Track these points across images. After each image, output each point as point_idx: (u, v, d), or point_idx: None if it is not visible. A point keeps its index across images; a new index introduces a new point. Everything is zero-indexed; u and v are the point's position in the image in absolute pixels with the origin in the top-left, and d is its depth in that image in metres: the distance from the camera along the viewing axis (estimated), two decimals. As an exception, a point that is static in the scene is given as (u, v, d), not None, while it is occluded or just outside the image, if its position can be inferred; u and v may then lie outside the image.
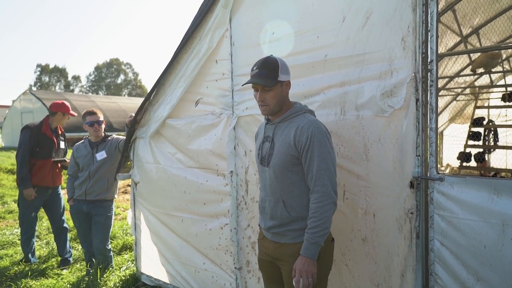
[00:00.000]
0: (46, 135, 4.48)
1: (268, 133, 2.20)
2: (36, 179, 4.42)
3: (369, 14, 2.27)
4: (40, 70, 63.61)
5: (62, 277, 4.14)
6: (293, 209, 2.09)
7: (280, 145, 2.10)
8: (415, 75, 2.12)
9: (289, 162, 2.06)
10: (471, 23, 5.46)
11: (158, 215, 3.64)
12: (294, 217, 2.09)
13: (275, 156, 2.10)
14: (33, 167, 4.40)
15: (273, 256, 2.21)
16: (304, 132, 2.01)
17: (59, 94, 23.98)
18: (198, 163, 3.24)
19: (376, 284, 2.38)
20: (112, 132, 4.67)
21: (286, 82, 2.12)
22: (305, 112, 2.14)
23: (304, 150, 2.01)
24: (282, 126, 2.13)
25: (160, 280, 3.74)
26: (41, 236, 5.72)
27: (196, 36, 3.10)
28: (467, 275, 2.04)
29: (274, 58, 2.10)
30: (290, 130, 2.07)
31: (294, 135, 2.04)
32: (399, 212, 2.24)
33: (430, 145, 2.14)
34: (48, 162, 4.47)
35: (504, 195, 1.91)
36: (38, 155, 4.42)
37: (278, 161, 2.09)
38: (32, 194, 4.37)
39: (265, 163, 2.17)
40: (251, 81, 2.07)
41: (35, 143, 4.41)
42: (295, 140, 2.04)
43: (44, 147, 4.45)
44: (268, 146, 2.16)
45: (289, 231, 2.11)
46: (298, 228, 2.09)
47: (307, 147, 1.99)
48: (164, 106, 3.40)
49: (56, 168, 4.56)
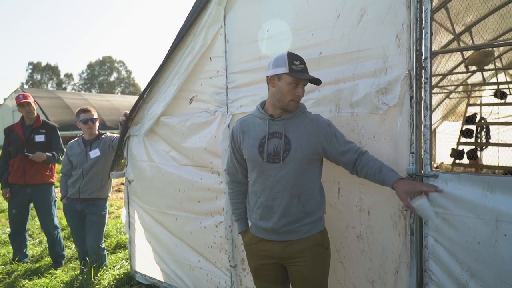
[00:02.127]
0: (15, 132, 4.50)
1: (275, 129, 2.13)
2: (10, 177, 4.45)
3: (364, 12, 2.27)
4: (32, 68, 62.97)
5: (56, 276, 4.11)
6: (307, 204, 2.11)
7: (299, 140, 2.08)
8: (409, 73, 2.13)
9: (309, 157, 2.10)
10: (464, 21, 5.49)
11: (152, 213, 3.63)
12: (308, 212, 2.11)
13: (295, 151, 2.07)
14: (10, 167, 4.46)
15: (281, 256, 2.17)
16: (325, 125, 2.14)
17: (51, 92, 23.78)
18: (193, 161, 3.23)
19: (371, 281, 2.39)
20: (106, 130, 4.61)
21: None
22: (305, 109, 2.23)
23: (333, 137, 2.12)
24: (294, 122, 2.13)
25: (155, 279, 3.73)
26: (33, 235, 5.68)
27: (190, 33, 3.09)
28: (461, 271, 2.05)
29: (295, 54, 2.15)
30: (306, 126, 2.12)
31: (321, 128, 2.12)
32: (394, 209, 2.25)
33: (425, 142, 2.15)
34: (17, 160, 4.44)
35: (498, 191, 1.92)
36: (12, 154, 4.47)
37: (300, 156, 2.06)
38: (5, 193, 4.44)
39: (278, 159, 2.09)
40: (313, 77, 2.09)
41: (7, 142, 4.50)
42: (325, 133, 2.11)
43: (14, 145, 4.47)
44: (280, 142, 2.10)
45: (302, 226, 2.12)
46: (310, 222, 2.13)
47: (334, 134, 2.13)
48: (158, 103, 3.39)
49: (33, 165, 4.43)
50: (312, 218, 2.13)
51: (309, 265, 2.12)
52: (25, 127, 4.54)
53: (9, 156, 4.48)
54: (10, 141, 4.49)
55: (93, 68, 67.29)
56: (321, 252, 2.17)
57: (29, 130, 4.52)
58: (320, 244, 2.15)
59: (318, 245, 2.15)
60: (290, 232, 2.13)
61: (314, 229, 2.15)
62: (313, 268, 2.13)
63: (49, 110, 18.08)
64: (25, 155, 4.38)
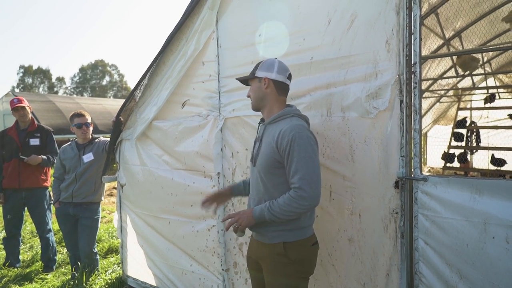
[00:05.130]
0: (9, 136, 4.48)
1: (259, 133, 2.24)
2: (4, 181, 4.42)
3: (354, 17, 2.30)
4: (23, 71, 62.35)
5: (47, 281, 4.08)
6: None
7: (265, 147, 2.11)
8: (399, 77, 2.16)
9: (270, 164, 2.06)
10: (453, 26, 5.56)
11: (145, 218, 3.62)
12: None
13: (260, 157, 2.12)
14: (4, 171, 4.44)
15: (256, 255, 2.24)
16: (285, 136, 1.98)
17: (42, 96, 23.58)
18: (185, 165, 3.23)
19: (362, 284, 2.41)
20: (98, 134, 4.59)
21: (264, 79, 2.14)
22: (292, 116, 2.11)
23: (285, 154, 1.99)
24: (270, 128, 2.15)
25: (147, 283, 3.71)
26: (24, 240, 5.63)
27: (183, 37, 3.10)
28: (450, 273, 2.08)
29: (269, 58, 2.23)
30: (275, 133, 2.06)
31: (277, 138, 2.03)
32: (384, 212, 2.27)
33: (414, 146, 2.18)
34: (11, 164, 4.41)
35: (486, 194, 1.96)
36: (6, 158, 4.44)
37: (262, 162, 2.11)
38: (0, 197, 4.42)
39: (253, 162, 2.20)
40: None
41: (0, 146, 4.47)
42: (277, 143, 2.03)
43: (8, 149, 4.44)
44: (257, 146, 2.19)
45: (268, 232, 2.12)
46: (275, 229, 2.09)
47: (287, 151, 1.98)
48: (151, 107, 3.39)
49: (27, 169, 4.42)
50: (277, 226, 2.07)
51: (271, 272, 2.13)
52: (20, 131, 4.52)
53: (3, 161, 4.45)
54: (4, 145, 4.46)
55: (85, 72, 66.82)
56: (285, 263, 2.07)
57: (24, 134, 4.50)
58: (282, 254, 2.07)
59: (281, 255, 2.07)
60: (259, 234, 2.18)
61: (278, 238, 2.08)
62: (274, 276, 2.12)
63: (41, 114, 17.92)
64: (20, 159, 4.36)
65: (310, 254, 2.14)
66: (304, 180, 1.93)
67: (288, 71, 2.21)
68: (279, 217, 1.99)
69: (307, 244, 2.12)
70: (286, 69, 2.20)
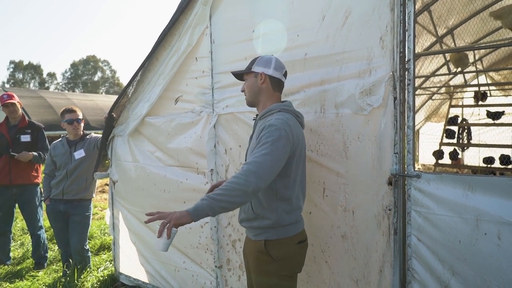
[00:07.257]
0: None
1: (253, 129, 2.24)
2: None
3: (348, 14, 2.29)
4: (14, 67, 61.64)
5: (38, 278, 4.04)
6: (256, 206, 2.08)
7: (253, 142, 2.10)
8: (393, 74, 2.16)
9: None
10: (446, 23, 5.58)
11: (137, 214, 3.60)
12: (256, 215, 2.08)
13: (249, 153, 2.14)
14: None
15: (244, 250, 2.28)
16: (263, 127, 1.96)
17: (33, 92, 23.31)
18: (178, 161, 3.22)
19: (355, 280, 2.41)
20: (90, 131, 4.56)
21: (261, 74, 2.13)
22: (279, 111, 2.06)
23: (258, 138, 1.95)
24: (259, 123, 2.13)
25: (139, 280, 3.70)
26: (15, 237, 5.57)
27: (176, 33, 3.07)
28: (442, 269, 2.09)
29: (266, 54, 2.22)
30: (260, 128, 2.02)
31: (259, 132, 1.99)
32: (378, 209, 2.28)
33: (408, 143, 2.18)
34: (1, 160, 4.35)
35: (478, 191, 1.97)
36: None
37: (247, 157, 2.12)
38: None
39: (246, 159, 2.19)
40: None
41: None
42: (255, 137, 2.04)
43: None
44: (250, 142, 2.21)
45: (252, 228, 2.13)
46: (258, 226, 2.08)
47: (260, 136, 1.94)
48: (143, 103, 3.36)
49: (18, 165, 4.37)
50: (261, 223, 2.06)
51: (254, 270, 2.15)
52: (10, 127, 4.46)
53: None
54: None
55: (76, 68, 66.19)
56: (267, 261, 2.06)
57: (15, 130, 4.44)
58: (264, 252, 2.05)
59: (263, 253, 2.06)
60: (247, 229, 2.20)
61: (261, 235, 2.08)
62: (258, 273, 2.12)
63: (32, 109, 17.71)
64: (10, 155, 4.30)
65: (294, 253, 2.09)
66: (257, 160, 1.84)
67: (284, 68, 2.21)
68: (220, 199, 1.78)
69: (291, 242, 2.08)
70: (283, 66, 2.20)
